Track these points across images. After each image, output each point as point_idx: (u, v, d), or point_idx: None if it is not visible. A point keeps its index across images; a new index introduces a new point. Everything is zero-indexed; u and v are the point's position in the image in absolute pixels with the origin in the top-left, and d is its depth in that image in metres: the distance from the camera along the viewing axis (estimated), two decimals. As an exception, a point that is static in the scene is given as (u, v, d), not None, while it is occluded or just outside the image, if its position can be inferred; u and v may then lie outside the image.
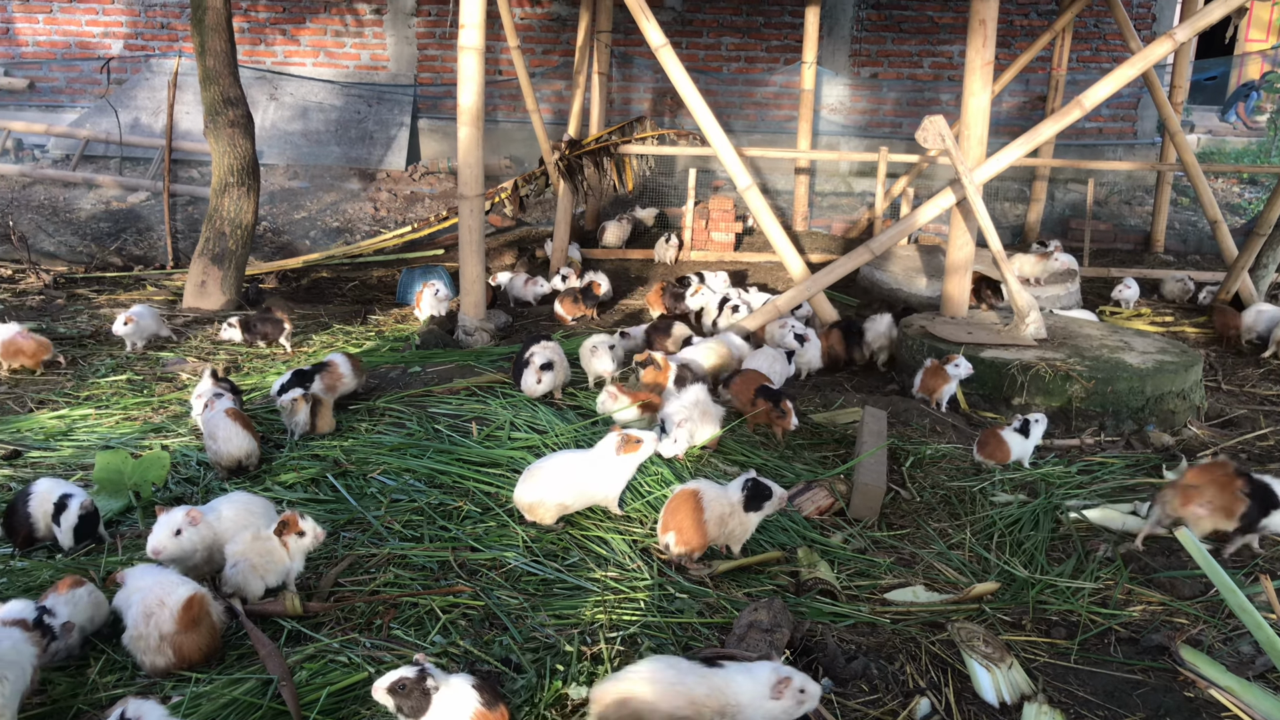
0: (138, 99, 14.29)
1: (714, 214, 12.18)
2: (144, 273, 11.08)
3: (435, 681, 2.96)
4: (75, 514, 4.31)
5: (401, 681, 2.95)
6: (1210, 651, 3.80)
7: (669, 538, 4.30)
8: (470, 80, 7.66)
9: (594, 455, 4.64)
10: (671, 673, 3.02)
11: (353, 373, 6.28)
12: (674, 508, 4.31)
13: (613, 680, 3.07)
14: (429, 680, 2.95)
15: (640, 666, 3.10)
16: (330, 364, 6.17)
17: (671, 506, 4.33)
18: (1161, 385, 6.65)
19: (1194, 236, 13.30)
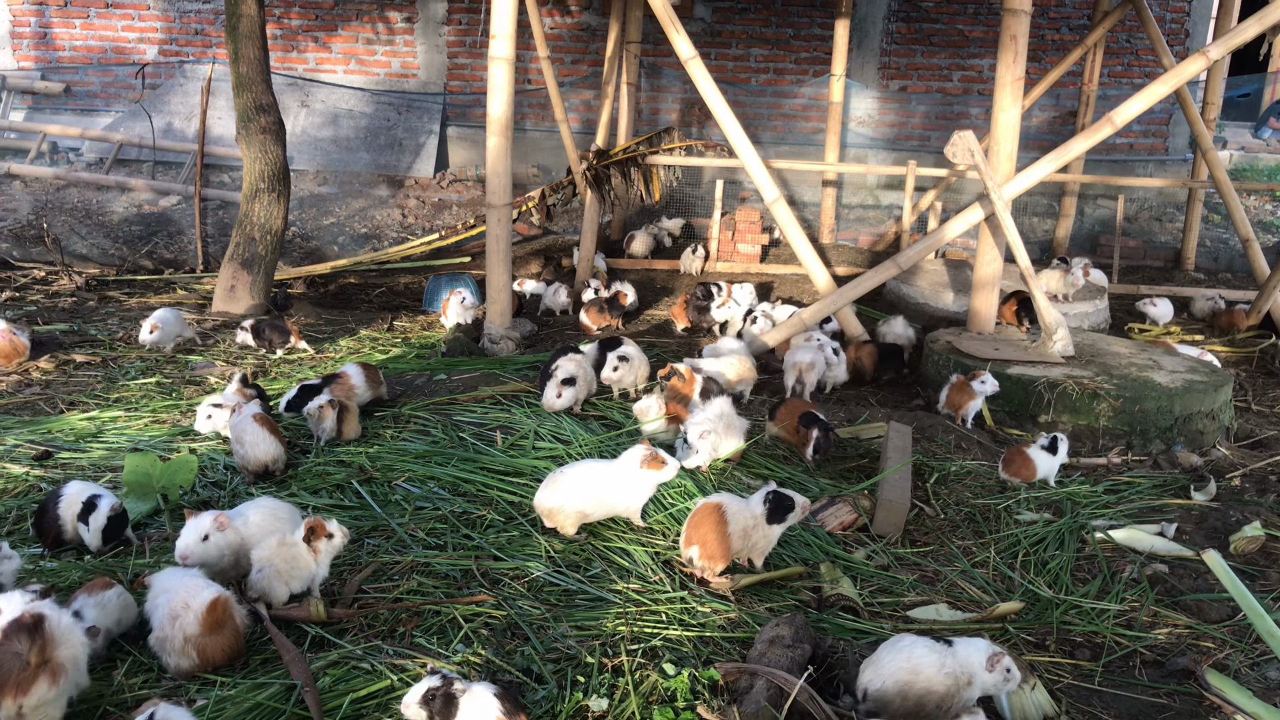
0: (171, 104, 14.46)
1: (740, 225, 12.18)
2: (174, 276, 11.20)
3: (462, 685, 2.99)
4: (104, 515, 4.36)
5: (430, 692, 2.98)
6: (1237, 676, 3.77)
7: (692, 551, 4.30)
8: (500, 89, 7.71)
9: (618, 466, 4.65)
10: (934, 657, 3.28)
11: (366, 383, 6.26)
12: (697, 521, 4.31)
13: (874, 666, 3.33)
14: (455, 685, 2.98)
15: (902, 651, 3.31)
16: (342, 375, 6.17)
17: (695, 520, 4.33)
18: (1190, 405, 6.59)
19: (1225, 254, 13.18)
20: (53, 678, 3.19)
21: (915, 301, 10.01)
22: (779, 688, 3.32)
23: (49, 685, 3.17)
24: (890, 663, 3.32)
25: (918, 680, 3.26)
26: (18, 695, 3.10)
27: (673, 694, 3.43)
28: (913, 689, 3.26)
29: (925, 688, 3.26)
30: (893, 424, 6.08)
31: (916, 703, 3.26)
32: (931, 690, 3.26)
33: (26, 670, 3.11)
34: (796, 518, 4.39)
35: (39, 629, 3.18)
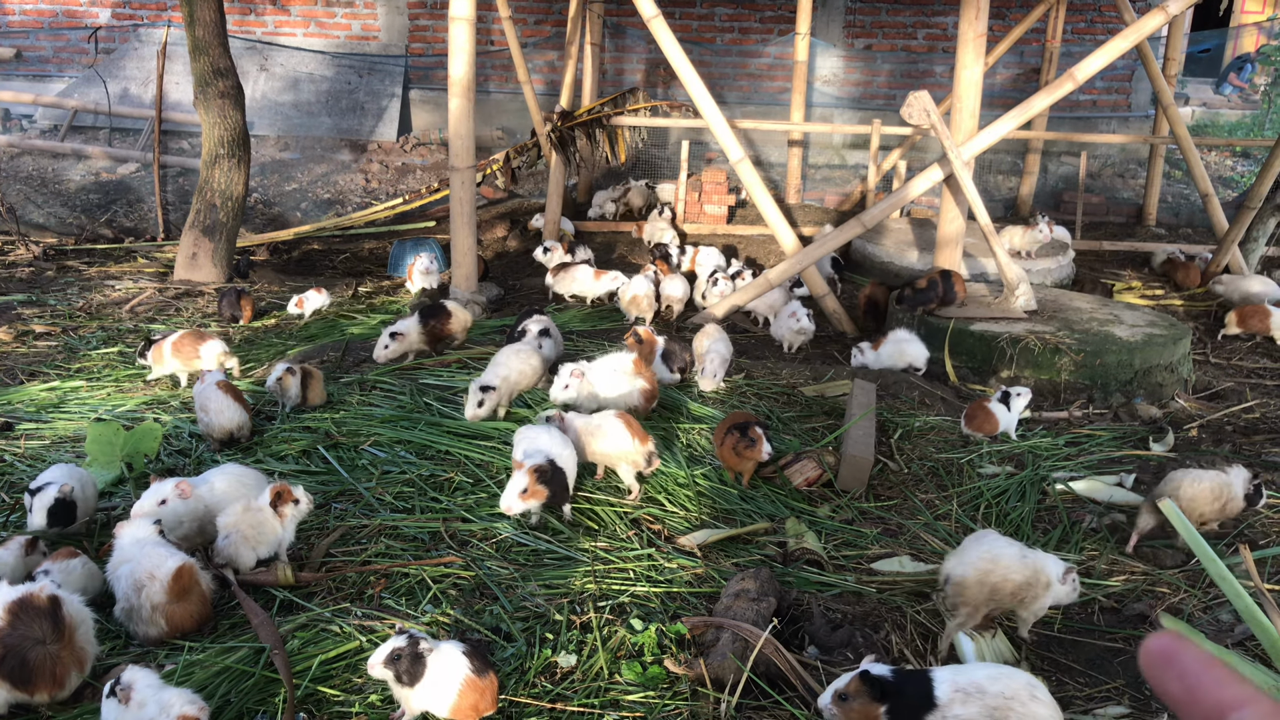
0: (126, 69, 14.18)
1: (707, 186, 12.16)
2: (135, 245, 11.05)
3: (428, 644, 3.00)
4: (52, 496, 4.19)
5: (395, 651, 2.99)
6: (1190, 620, 3.86)
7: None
8: (461, 51, 7.62)
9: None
10: (1014, 549, 3.53)
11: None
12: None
13: (959, 560, 3.54)
14: (421, 644, 2.99)
15: (984, 543, 3.55)
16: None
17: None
18: (1150, 358, 6.69)
19: (1186, 209, 13.33)
20: (80, 666, 3.21)
21: (881, 260, 10.06)
22: (745, 640, 3.38)
23: (78, 674, 3.18)
24: (972, 552, 3.55)
25: (996, 568, 3.48)
26: (54, 689, 3.11)
27: (640, 649, 3.47)
28: (990, 576, 3.48)
29: (1003, 575, 3.47)
30: (857, 381, 6.13)
31: (993, 589, 3.48)
32: (1009, 578, 3.47)
33: (59, 663, 3.12)
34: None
35: (58, 613, 3.18)
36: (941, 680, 2.82)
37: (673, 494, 4.83)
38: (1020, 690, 2.80)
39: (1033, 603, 3.57)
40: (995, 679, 2.82)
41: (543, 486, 4.18)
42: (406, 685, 3.00)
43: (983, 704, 2.76)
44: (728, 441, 4.85)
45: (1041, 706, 2.78)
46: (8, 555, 3.80)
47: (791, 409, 6.05)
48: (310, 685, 3.28)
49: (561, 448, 4.45)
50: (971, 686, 2.80)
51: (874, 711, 2.78)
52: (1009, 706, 2.75)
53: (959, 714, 2.75)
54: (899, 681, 2.80)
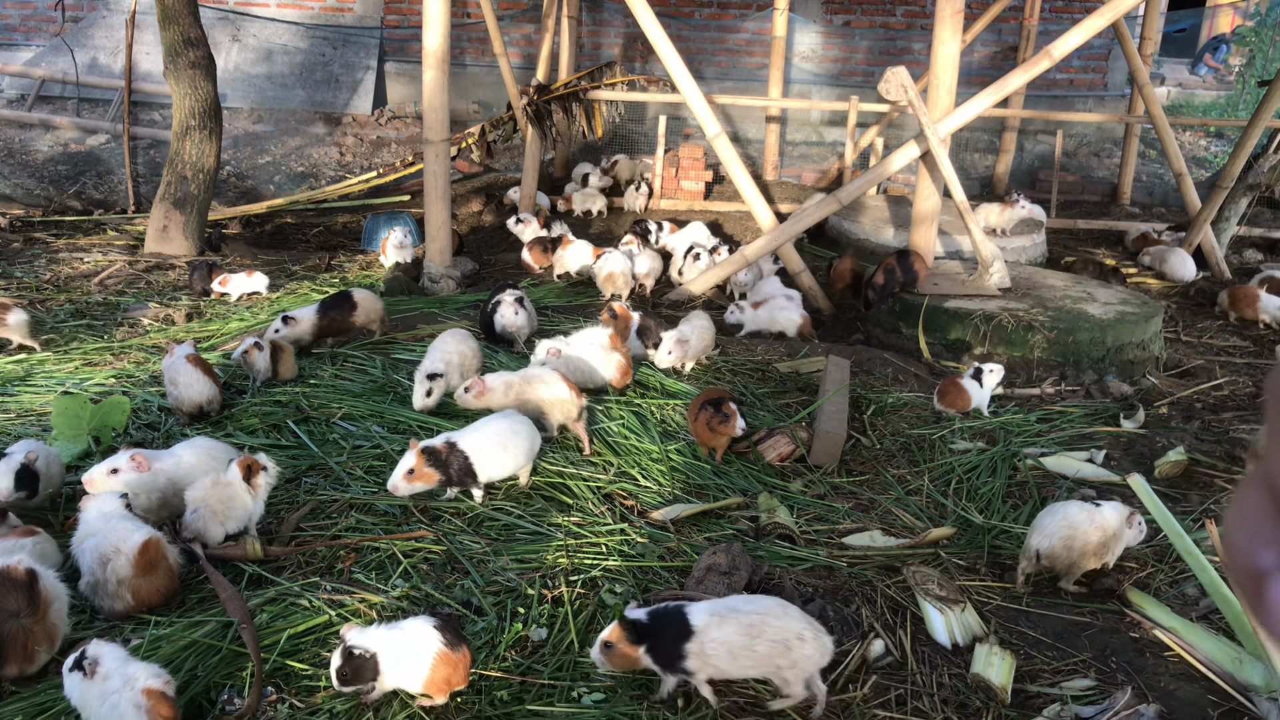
0: (95, 38, 13.94)
1: (684, 162, 12.10)
2: (104, 217, 10.89)
3: (362, 646, 2.97)
4: (18, 461, 4.10)
5: (340, 671, 2.98)
6: (1157, 594, 3.90)
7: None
8: (436, 23, 7.53)
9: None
10: (1084, 513, 3.87)
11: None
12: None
13: (1040, 533, 3.88)
14: (355, 650, 2.97)
15: (1058, 517, 3.87)
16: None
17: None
18: (1122, 336, 6.74)
19: (1160, 189, 13.40)
20: (51, 642, 3.19)
21: (857, 237, 10.06)
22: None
23: (48, 651, 3.16)
24: (1051, 524, 3.89)
25: (1077, 534, 3.85)
26: (23, 664, 3.09)
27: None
28: (1074, 542, 3.85)
29: (1084, 539, 3.84)
30: (831, 357, 6.14)
31: (1080, 552, 3.86)
32: (1089, 541, 3.85)
33: (31, 638, 3.09)
34: None
35: (34, 587, 3.15)
36: (697, 610, 3.03)
37: (646, 469, 4.83)
38: (773, 607, 3.07)
39: (1115, 553, 3.96)
40: (749, 601, 3.10)
41: (433, 469, 4.09)
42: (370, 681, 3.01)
43: (738, 623, 2.99)
44: (701, 417, 4.85)
45: (794, 620, 3.06)
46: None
47: (766, 385, 6.05)
48: (279, 659, 3.26)
49: (485, 428, 4.33)
50: (726, 609, 3.04)
51: (635, 653, 2.99)
52: (764, 622, 3.00)
53: (715, 636, 2.96)
54: (654, 622, 3.01)
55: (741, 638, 2.99)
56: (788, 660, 3.01)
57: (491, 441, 4.28)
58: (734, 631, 3.00)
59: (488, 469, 4.28)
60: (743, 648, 2.99)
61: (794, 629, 3.03)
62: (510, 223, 9.75)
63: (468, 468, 4.21)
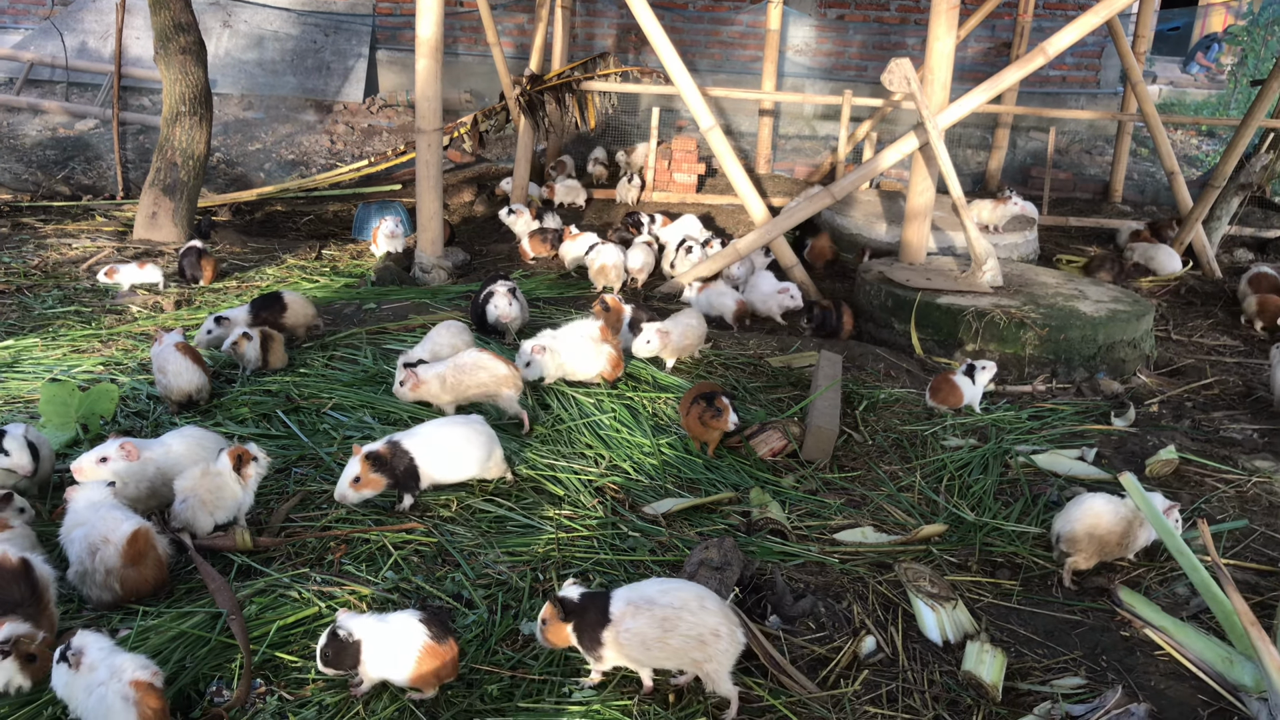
0: (85, 22, 13.82)
1: (677, 154, 12.06)
2: (93, 203, 10.80)
3: (348, 630, 2.98)
4: (20, 434, 4.11)
5: (323, 652, 2.99)
6: (1147, 593, 3.91)
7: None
8: (429, 11, 7.48)
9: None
10: (1109, 504, 4.02)
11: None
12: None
13: (1065, 520, 4.04)
14: (340, 631, 2.98)
15: (1082, 507, 4.02)
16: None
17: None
18: (1113, 334, 6.74)
19: (1152, 187, 13.42)
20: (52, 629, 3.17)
21: (849, 232, 10.05)
22: (707, 609, 3.37)
23: (48, 634, 3.14)
24: (1075, 512, 4.04)
25: (1100, 523, 3.98)
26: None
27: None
28: (1097, 530, 3.98)
29: (1107, 528, 3.98)
30: (824, 353, 6.13)
31: (1101, 540, 3.99)
32: (1112, 529, 3.98)
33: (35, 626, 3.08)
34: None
35: (32, 575, 3.15)
36: (617, 597, 3.06)
37: (638, 463, 4.82)
38: (690, 600, 3.05)
39: (1135, 545, 4.08)
40: (666, 592, 3.08)
41: (378, 475, 4.04)
42: (351, 668, 3.00)
43: (652, 615, 3.00)
44: (693, 411, 4.84)
45: (710, 615, 3.03)
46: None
47: (758, 379, 6.04)
48: (268, 651, 3.24)
49: (435, 430, 4.28)
50: (642, 600, 3.04)
51: (563, 631, 3.06)
52: (679, 616, 3.00)
53: (629, 626, 2.99)
54: (582, 602, 3.07)
55: (655, 630, 3.01)
56: (703, 654, 3.02)
57: (439, 444, 4.21)
58: (647, 623, 3.02)
59: (433, 472, 4.20)
60: (655, 640, 3.01)
61: (709, 624, 3.02)
62: (503, 214, 9.70)
63: (412, 470, 4.14)
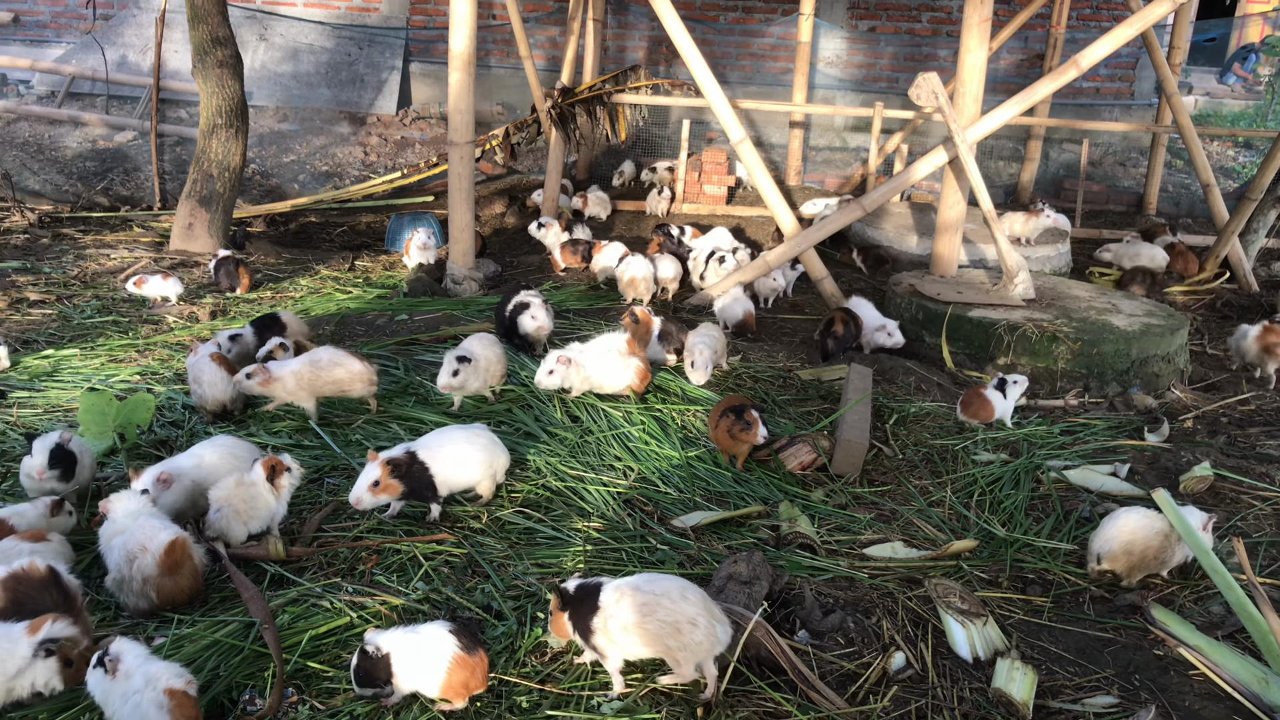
0: (125, 36, 14.06)
1: (707, 166, 12.09)
2: (131, 214, 10.97)
3: (375, 645, 3.02)
4: (54, 439, 4.18)
5: (356, 671, 3.02)
6: (1181, 611, 3.86)
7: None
8: (462, 24, 7.56)
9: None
10: (1145, 519, 4.03)
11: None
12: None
13: (1102, 538, 4.07)
14: (369, 648, 3.01)
15: (1120, 522, 4.05)
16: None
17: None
18: (1147, 348, 6.68)
19: (1187, 199, 13.28)
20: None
21: (879, 244, 10.02)
22: (736, 623, 3.37)
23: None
24: (1112, 529, 4.07)
25: (1137, 539, 4.01)
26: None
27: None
28: (1134, 547, 4.02)
29: (1144, 544, 4.01)
30: (854, 365, 6.12)
31: (1140, 556, 4.02)
32: (1150, 545, 4.01)
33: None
34: None
35: (61, 583, 3.24)
36: (607, 586, 3.21)
37: (667, 475, 4.83)
38: (672, 590, 3.16)
39: (1171, 561, 4.08)
40: (651, 582, 3.22)
41: (396, 481, 4.07)
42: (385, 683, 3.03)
43: (634, 600, 3.14)
44: (723, 424, 4.85)
45: (689, 605, 3.12)
46: (34, 513, 3.81)
47: (787, 392, 6.04)
48: (300, 660, 3.27)
49: (447, 441, 4.32)
50: (628, 587, 3.19)
51: (562, 620, 3.24)
52: (658, 602, 3.12)
53: (614, 612, 3.13)
54: (577, 593, 3.23)
55: (634, 615, 3.11)
56: (677, 642, 3.10)
57: (449, 452, 4.26)
58: (628, 607, 3.13)
59: (449, 478, 4.26)
60: (635, 624, 3.11)
61: (687, 613, 3.10)
62: (532, 228, 9.75)
63: (428, 480, 4.18)
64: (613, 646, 3.18)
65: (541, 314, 6.08)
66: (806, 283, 8.66)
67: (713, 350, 5.80)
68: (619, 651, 3.19)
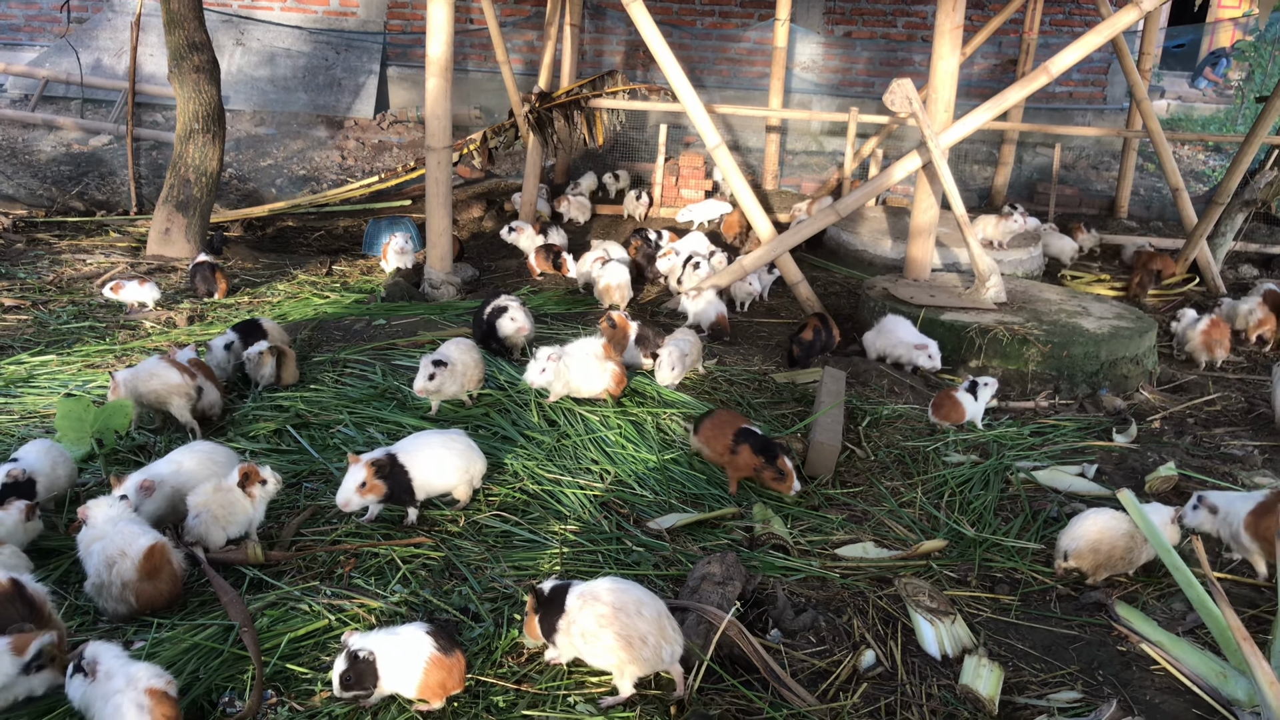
0: (99, 39, 14.00)
1: (684, 170, 12.17)
2: (107, 218, 10.94)
3: (366, 649, 3.04)
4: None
5: (344, 675, 3.03)
6: (1145, 608, 3.95)
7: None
8: (439, 30, 7.59)
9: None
10: (1113, 520, 4.09)
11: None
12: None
13: (1069, 536, 4.14)
14: (360, 653, 3.03)
15: (1088, 521, 4.12)
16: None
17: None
18: (1116, 350, 6.80)
19: (1158, 203, 13.46)
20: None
21: (855, 249, 10.12)
22: (709, 622, 3.44)
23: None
24: (1080, 527, 4.14)
25: (1104, 539, 4.08)
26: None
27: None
28: (1101, 545, 4.09)
29: (1111, 543, 4.08)
30: (828, 369, 6.20)
31: (1106, 555, 4.09)
32: (1116, 545, 4.08)
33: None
34: None
35: (25, 593, 3.22)
36: (573, 592, 3.27)
37: (643, 478, 4.88)
38: (629, 603, 3.21)
39: (1138, 560, 4.15)
40: (613, 591, 3.25)
41: (380, 481, 4.10)
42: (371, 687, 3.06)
43: (594, 611, 3.19)
44: (743, 454, 4.73)
45: (643, 622, 3.17)
46: (8, 518, 3.82)
47: (762, 395, 6.11)
48: (279, 663, 3.31)
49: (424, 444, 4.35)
50: (590, 595, 3.24)
51: (534, 620, 3.31)
52: (615, 616, 3.17)
53: (576, 619, 3.19)
54: (550, 594, 3.29)
55: (592, 625, 3.18)
56: (629, 655, 3.16)
57: (428, 455, 4.28)
58: (589, 618, 3.19)
59: (426, 485, 4.29)
60: (592, 634, 3.17)
61: (639, 630, 3.16)
62: (504, 232, 9.81)
63: (407, 484, 4.21)
64: (572, 651, 3.26)
65: (521, 315, 6.12)
66: (782, 287, 8.74)
67: (683, 352, 5.80)
68: (579, 655, 3.26)
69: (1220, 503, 4.23)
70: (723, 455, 4.85)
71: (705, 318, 7.39)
